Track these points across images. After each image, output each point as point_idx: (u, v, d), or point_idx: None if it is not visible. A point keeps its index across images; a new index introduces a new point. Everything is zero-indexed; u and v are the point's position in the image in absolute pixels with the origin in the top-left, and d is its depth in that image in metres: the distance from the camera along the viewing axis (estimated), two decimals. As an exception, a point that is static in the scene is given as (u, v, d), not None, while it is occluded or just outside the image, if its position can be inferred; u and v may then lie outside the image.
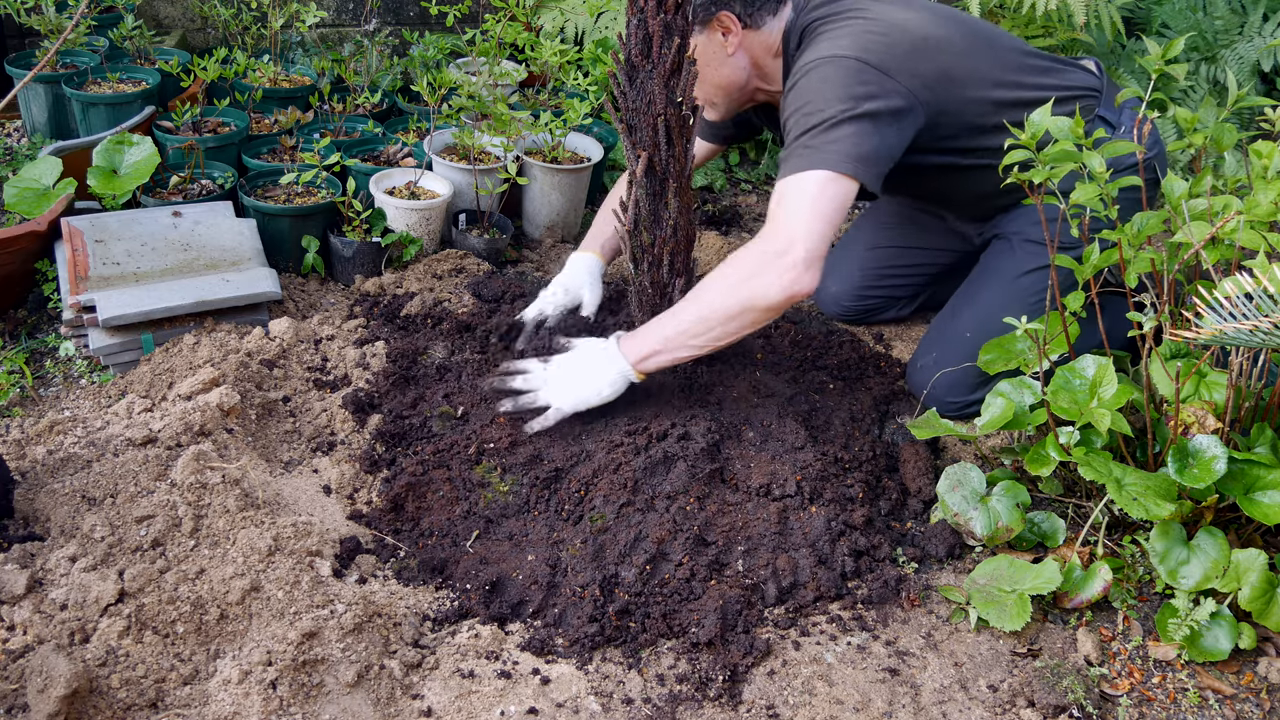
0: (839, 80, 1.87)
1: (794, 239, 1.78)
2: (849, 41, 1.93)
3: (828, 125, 1.84)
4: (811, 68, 1.91)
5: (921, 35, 1.99)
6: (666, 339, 1.88)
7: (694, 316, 1.85)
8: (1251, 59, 3.18)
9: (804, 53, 1.98)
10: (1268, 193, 1.67)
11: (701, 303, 1.85)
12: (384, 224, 2.64)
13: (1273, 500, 1.71)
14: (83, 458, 1.90)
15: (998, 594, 1.76)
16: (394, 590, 1.74)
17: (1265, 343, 1.40)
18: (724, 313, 1.82)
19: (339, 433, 2.08)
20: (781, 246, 1.78)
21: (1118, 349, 2.10)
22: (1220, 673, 1.71)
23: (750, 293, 1.79)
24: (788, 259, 1.77)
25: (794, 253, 1.77)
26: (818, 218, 1.79)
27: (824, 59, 1.91)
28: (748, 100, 2.18)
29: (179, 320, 2.26)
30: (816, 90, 1.88)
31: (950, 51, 2.02)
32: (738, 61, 2.06)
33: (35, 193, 2.41)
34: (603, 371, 1.92)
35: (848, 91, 1.86)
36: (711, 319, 1.83)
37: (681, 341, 1.87)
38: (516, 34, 2.83)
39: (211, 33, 3.61)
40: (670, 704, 1.59)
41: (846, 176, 1.82)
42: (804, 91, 1.90)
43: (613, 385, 1.92)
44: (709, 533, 1.83)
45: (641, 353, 1.90)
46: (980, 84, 2.05)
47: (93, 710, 1.46)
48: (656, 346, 1.89)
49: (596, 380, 1.92)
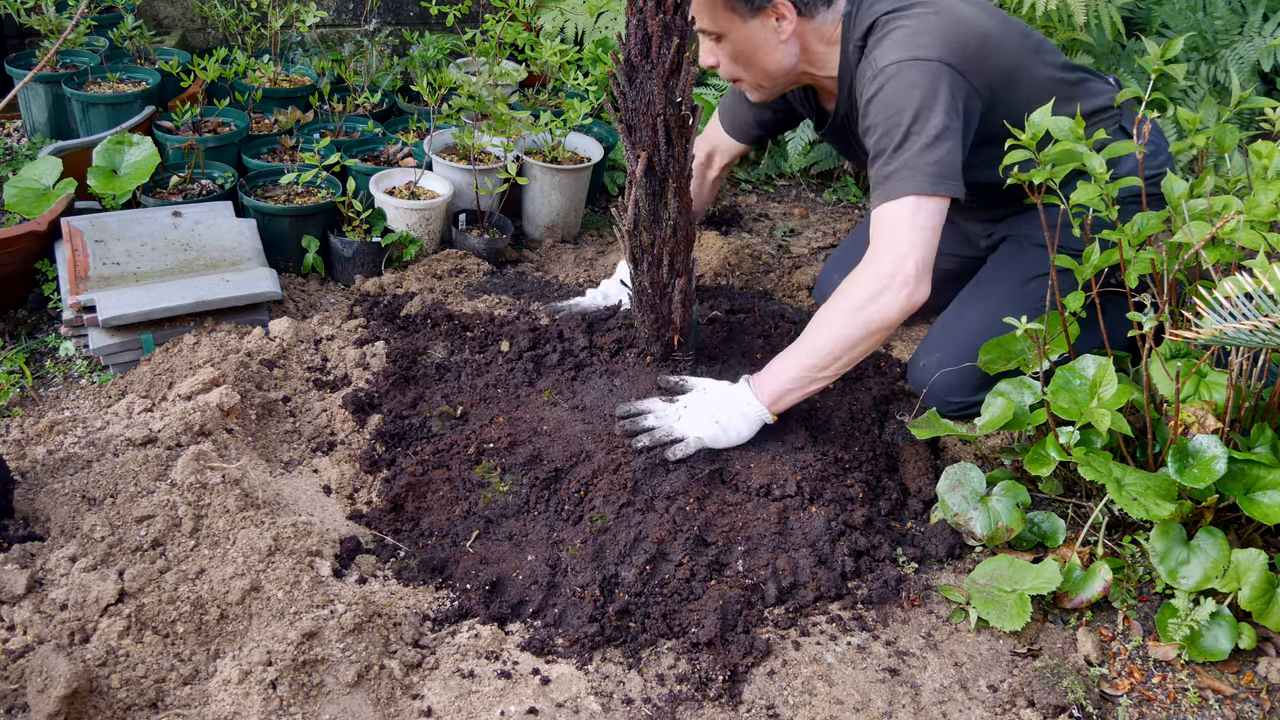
0: (926, 87, 1.89)
1: (902, 257, 1.86)
2: (928, 40, 1.93)
3: (921, 144, 1.88)
4: (895, 72, 1.91)
5: (983, 32, 2.00)
6: (796, 378, 1.94)
7: (821, 350, 1.91)
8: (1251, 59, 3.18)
9: (879, 50, 1.97)
10: (1268, 193, 1.67)
11: (825, 335, 1.92)
12: (384, 224, 2.64)
13: (1273, 500, 1.71)
14: (83, 458, 1.90)
15: (998, 594, 1.76)
16: (394, 590, 1.74)
17: (1265, 343, 1.40)
18: (848, 340, 1.89)
19: (339, 433, 2.08)
20: (891, 267, 1.86)
21: (1118, 349, 2.10)
22: (1220, 673, 1.71)
23: (870, 316, 1.87)
24: (900, 277, 1.85)
25: (904, 270, 1.85)
26: (920, 236, 1.87)
27: (906, 62, 1.91)
28: (793, 84, 2.18)
29: (179, 320, 2.26)
30: (906, 97, 1.89)
31: (1008, 53, 2.04)
32: (789, 48, 2.05)
33: (35, 193, 2.41)
34: (742, 414, 1.96)
35: (935, 101, 1.89)
36: (837, 350, 1.90)
37: (811, 376, 1.94)
38: (516, 34, 2.83)
39: (211, 33, 3.61)
40: (670, 704, 1.59)
41: (940, 196, 1.89)
42: (891, 99, 1.91)
43: (751, 428, 1.97)
44: (709, 533, 1.83)
45: (775, 393, 1.95)
46: (1029, 86, 2.05)
47: (93, 710, 1.46)
48: (788, 386, 1.95)
49: (736, 422, 1.96)
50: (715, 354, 2.23)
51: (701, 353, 2.21)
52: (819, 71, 2.13)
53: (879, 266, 1.88)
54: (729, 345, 2.28)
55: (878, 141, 1.93)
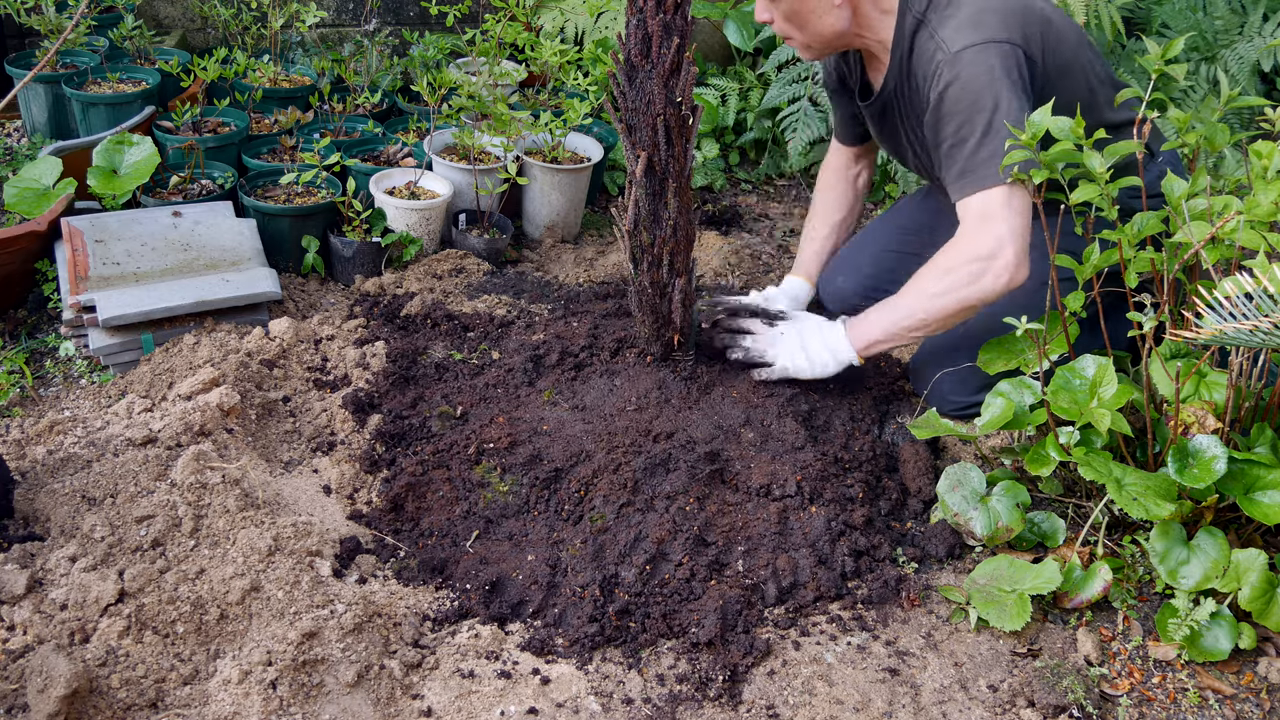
0: (1002, 72, 1.92)
1: (1003, 241, 1.93)
2: (997, 20, 1.94)
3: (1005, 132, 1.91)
4: (971, 59, 1.93)
5: (1046, 18, 2.03)
6: (888, 332, 2.07)
7: (916, 315, 2.03)
8: (1251, 59, 3.18)
9: (945, 29, 1.98)
10: (1268, 193, 1.67)
11: (920, 302, 2.02)
12: (384, 224, 2.64)
13: (1273, 500, 1.70)
14: (83, 458, 1.90)
15: (998, 594, 1.76)
16: (394, 590, 1.74)
17: (1265, 343, 1.40)
18: (943, 312, 2.00)
19: (339, 433, 2.08)
20: (991, 249, 1.93)
21: (1118, 349, 2.10)
22: (1220, 673, 1.71)
23: (968, 294, 1.96)
24: (1000, 262, 1.93)
25: (1005, 255, 1.93)
26: (1020, 220, 1.94)
27: (980, 46, 1.93)
28: (844, 47, 2.19)
29: (179, 320, 2.26)
30: (985, 84, 1.92)
31: (1066, 45, 2.05)
32: (842, 11, 2.06)
33: (35, 193, 2.41)
34: (831, 348, 2.11)
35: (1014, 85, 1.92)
36: (930, 319, 2.02)
37: (901, 334, 2.06)
38: (516, 34, 2.83)
39: (211, 33, 3.61)
40: (670, 704, 1.59)
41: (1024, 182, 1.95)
42: (970, 86, 1.93)
43: (837, 363, 2.11)
44: (709, 533, 1.83)
45: (867, 340, 2.09)
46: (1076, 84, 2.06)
47: (93, 710, 1.46)
48: (879, 336, 2.08)
49: (823, 355, 2.10)
50: (715, 354, 2.23)
51: (702, 352, 2.21)
52: (871, 37, 2.12)
53: (978, 248, 1.95)
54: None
55: (958, 130, 1.96)
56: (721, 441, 1.98)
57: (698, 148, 3.44)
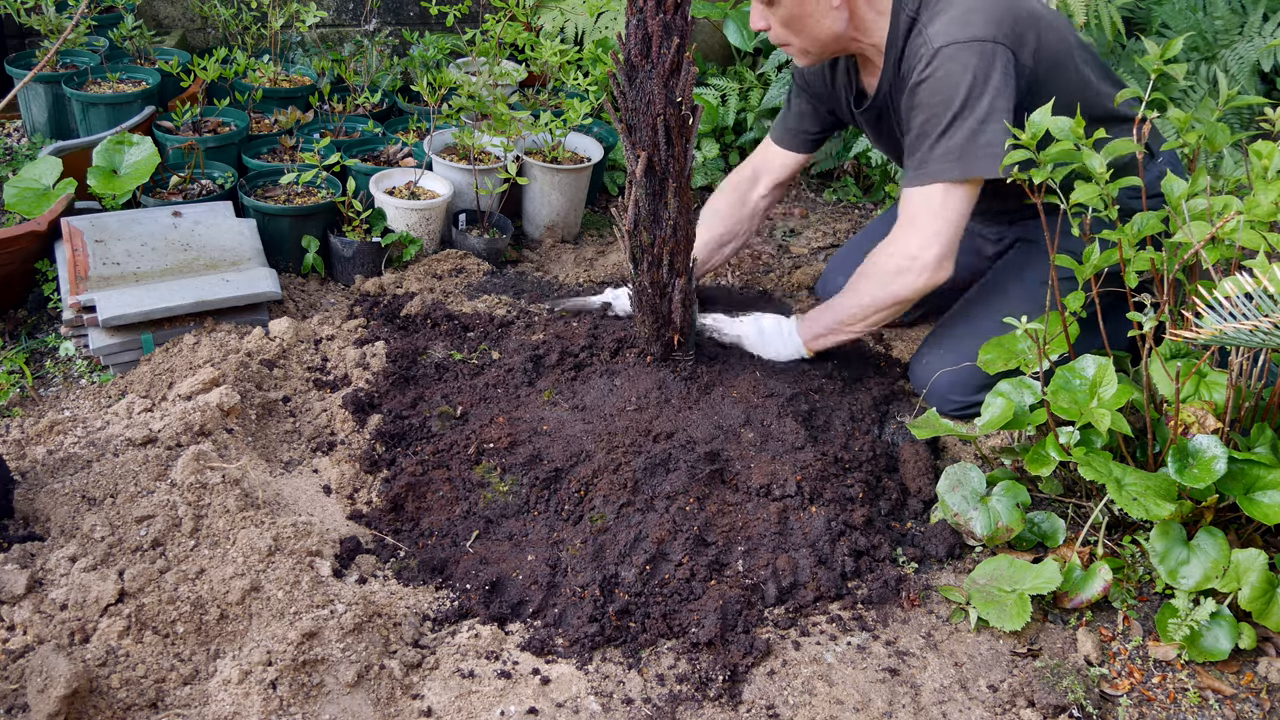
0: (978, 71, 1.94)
1: (926, 243, 2.02)
2: (983, 19, 1.95)
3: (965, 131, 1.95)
4: (949, 55, 1.94)
5: (1036, 14, 2.03)
6: (829, 327, 2.21)
7: (850, 309, 2.16)
8: (1251, 59, 3.18)
9: (933, 27, 1.98)
10: (1268, 193, 1.67)
11: (854, 300, 2.15)
12: (384, 224, 2.64)
13: (1273, 500, 1.70)
14: (83, 458, 1.90)
15: (998, 594, 1.76)
16: (394, 590, 1.74)
17: (1265, 343, 1.40)
18: (875, 305, 2.12)
19: (339, 433, 2.08)
20: (915, 250, 2.03)
21: (1118, 349, 2.10)
22: (1220, 673, 1.71)
23: (897, 289, 2.07)
24: (921, 261, 2.03)
25: (926, 256, 2.02)
26: (945, 225, 2.02)
27: (962, 44, 1.94)
28: (840, 51, 2.19)
29: (179, 320, 2.26)
30: (956, 82, 1.95)
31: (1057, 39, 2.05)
32: (840, 14, 2.06)
33: (35, 193, 2.41)
34: (786, 342, 2.26)
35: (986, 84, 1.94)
36: (862, 313, 2.14)
37: (842, 328, 2.19)
38: (516, 34, 2.83)
39: (211, 33, 3.61)
40: (670, 704, 1.59)
41: (970, 182, 2.00)
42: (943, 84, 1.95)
43: (789, 354, 2.27)
44: (709, 533, 1.83)
45: (814, 333, 2.23)
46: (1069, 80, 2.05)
47: (93, 710, 1.46)
48: (821, 332, 2.22)
49: (776, 343, 2.26)
50: (715, 354, 2.23)
51: (702, 352, 2.21)
52: (865, 38, 2.12)
53: (906, 247, 2.04)
54: (729, 345, 2.28)
55: (924, 124, 1.99)
56: (721, 441, 1.99)
57: (698, 148, 3.44)
